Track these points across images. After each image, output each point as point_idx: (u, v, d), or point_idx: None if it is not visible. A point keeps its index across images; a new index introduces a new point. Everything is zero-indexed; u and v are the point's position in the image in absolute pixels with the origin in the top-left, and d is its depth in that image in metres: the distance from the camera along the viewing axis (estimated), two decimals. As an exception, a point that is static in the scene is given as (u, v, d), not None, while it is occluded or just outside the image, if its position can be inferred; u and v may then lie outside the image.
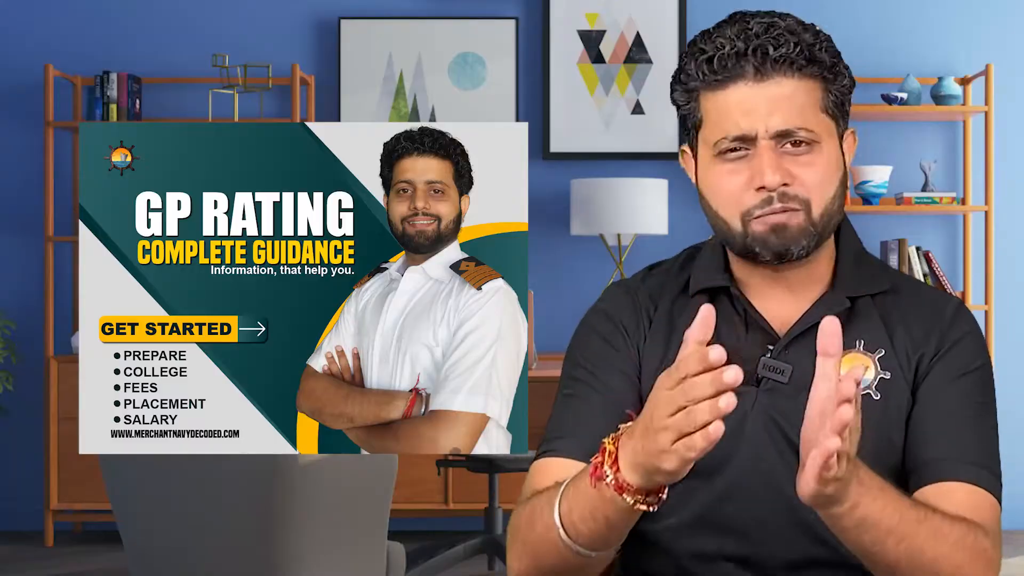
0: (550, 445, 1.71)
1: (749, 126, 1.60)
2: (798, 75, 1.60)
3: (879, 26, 6.12)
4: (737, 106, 1.60)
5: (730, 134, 1.61)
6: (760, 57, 1.59)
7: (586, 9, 6.10)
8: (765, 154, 1.59)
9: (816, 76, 1.61)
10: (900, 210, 5.89)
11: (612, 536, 1.53)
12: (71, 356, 5.71)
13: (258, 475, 2.99)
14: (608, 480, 1.46)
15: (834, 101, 1.64)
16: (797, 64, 1.59)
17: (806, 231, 1.61)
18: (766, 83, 1.60)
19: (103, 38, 6.10)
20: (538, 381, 5.15)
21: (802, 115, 1.60)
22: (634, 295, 1.76)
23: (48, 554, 5.58)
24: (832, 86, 1.63)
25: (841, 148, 1.66)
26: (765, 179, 1.59)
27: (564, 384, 1.77)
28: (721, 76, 1.61)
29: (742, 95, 1.60)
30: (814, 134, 1.61)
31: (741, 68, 1.60)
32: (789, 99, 1.60)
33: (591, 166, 6.10)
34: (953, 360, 1.66)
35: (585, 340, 1.77)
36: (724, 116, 1.61)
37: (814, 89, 1.61)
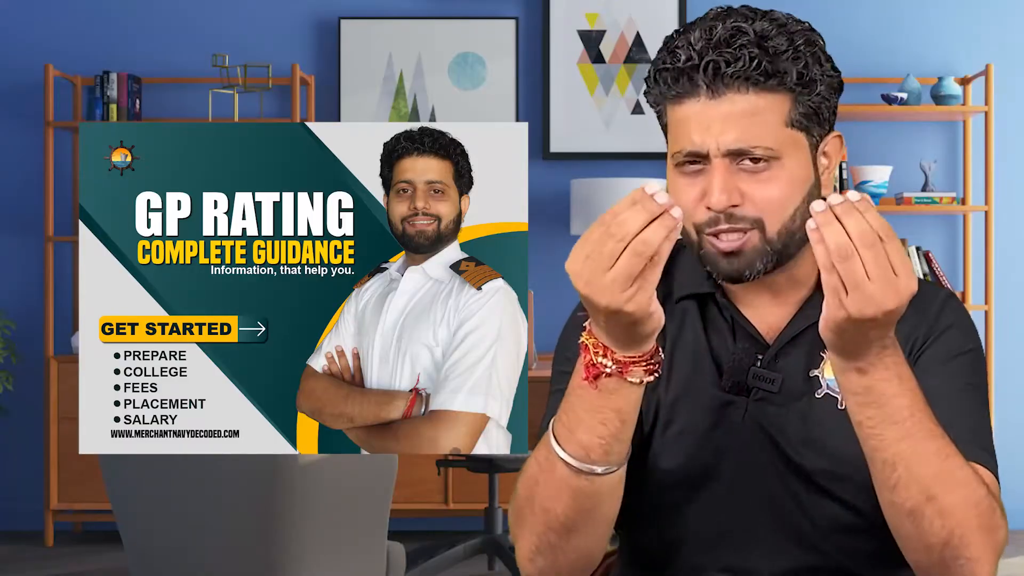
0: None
1: (701, 143, 1.55)
2: (755, 90, 1.54)
3: (879, 26, 6.12)
4: (691, 122, 1.55)
5: (684, 149, 1.56)
6: (711, 74, 1.53)
7: (586, 9, 6.11)
8: (716, 172, 1.54)
9: (778, 89, 1.55)
10: (900, 210, 5.89)
11: (624, 433, 1.50)
12: (71, 356, 5.71)
13: (258, 475, 2.99)
14: (608, 368, 1.45)
15: (804, 112, 1.57)
16: (753, 80, 1.53)
17: (761, 252, 1.57)
18: (719, 100, 1.54)
19: (103, 38, 6.10)
20: (538, 381, 5.15)
21: (759, 132, 1.54)
22: None
23: (48, 554, 5.58)
24: (802, 97, 1.56)
25: (814, 157, 1.60)
26: (712, 199, 1.55)
27: (554, 380, 1.77)
28: (675, 91, 1.56)
29: (696, 111, 1.55)
30: (773, 151, 1.55)
31: (694, 84, 1.54)
32: (744, 116, 1.54)
33: (591, 166, 6.10)
34: (943, 345, 1.64)
35: (569, 335, 1.78)
36: (680, 130, 1.57)
37: (777, 103, 1.55)
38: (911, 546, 1.52)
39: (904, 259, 1.37)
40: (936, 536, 1.49)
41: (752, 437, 1.64)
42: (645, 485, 1.67)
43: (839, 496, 1.63)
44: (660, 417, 1.67)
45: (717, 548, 1.66)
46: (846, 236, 1.35)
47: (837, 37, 6.05)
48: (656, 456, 1.66)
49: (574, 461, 1.52)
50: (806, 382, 1.64)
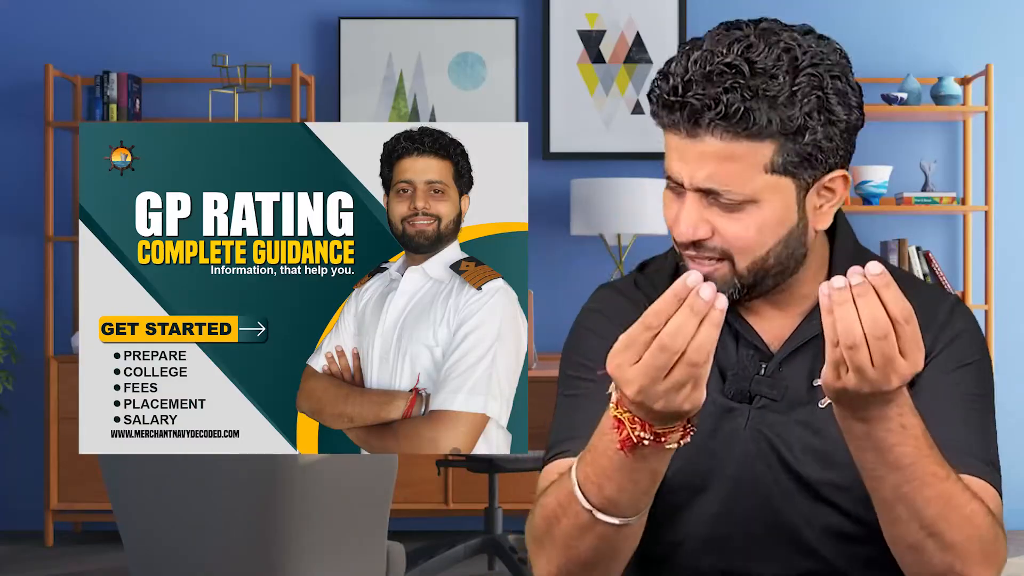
0: (561, 447, 1.68)
1: (678, 173, 1.52)
2: (731, 137, 1.47)
3: (879, 26, 6.12)
4: (672, 150, 1.53)
5: (667, 172, 1.55)
6: (688, 115, 1.48)
7: (586, 9, 6.11)
8: (687, 204, 1.52)
9: (758, 137, 1.48)
10: (900, 210, 5.89)
11: (654, 487, 1.47)
12: (71, 356, 5.71)
13: (258, 475, 2.99)
14: (647, 440, 1.40)
15: (792, 160, 1.50)
16: (732, 130, 1.47)
17: (730, 283, 1.55)
18: (695, 140, 1.49)
19: (103, 38, 6.10)
20: (538, 381, 5.16)
21: (731, 178, 1.49)
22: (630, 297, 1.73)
23: (48, 554, 5.58)
24: (791, 143, 1.49)
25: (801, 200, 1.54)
26: (678, 230, 1.54)
27: (565, 385, 1.74)
28: (662, 119, 1.53)
29: (676, 142, 1.52)
30: (744, 195, 1.50)
31: (673, 120, 1.50)
32: (718, 159, 1.49)
33: (591, 166, 6.10)
34: (950, 355, 1.61)
35: (581, 339, 1.75)
36: (667, 152, 1.55)
37: (755, 149, 1.48)
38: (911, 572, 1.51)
39: (916, 340, 1.33)
40: (937, 568, 1.48)
41: (753, 445, 1.63)
42: None
43: (840, 505, 1.62)
44: None
45: (715, 553, 1.66)
46: (858, 323, 1.31)
47: (837, 37, 6.05)
48: None
49: (601, 515, 1.49)
50: (809, 391, 1.62)
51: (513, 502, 5.52)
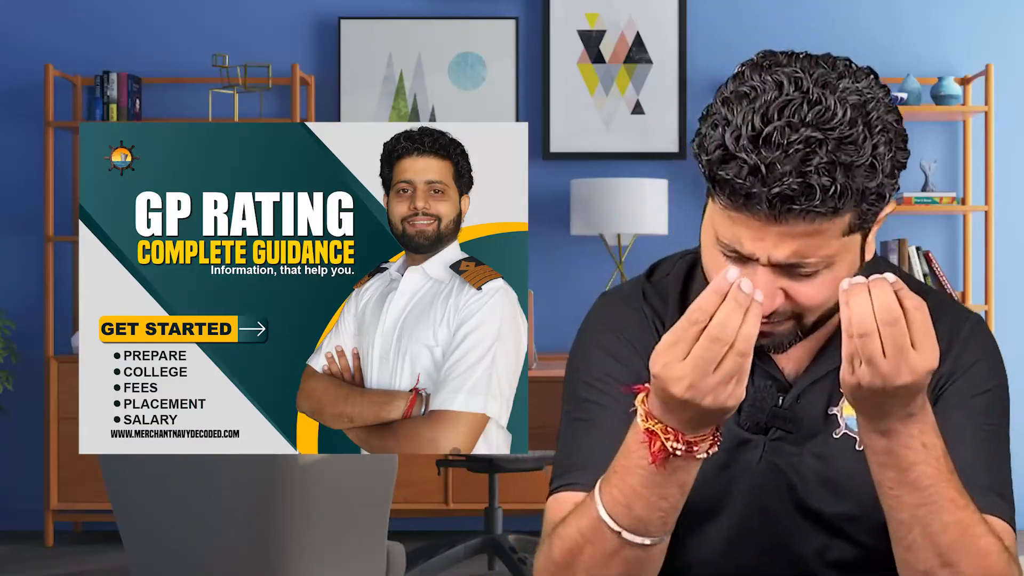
0: (569, 478, 1.62)
1: (751, 250, 1.44)
2: (822, 218, 1.40)
3: (879, 26, 6.12)
4: (744, 228, 1.43)
5: (731, 246, 1.45)
6: (780, 203, 1.38)
7: (586, 9, 6.10)
8: (761, 276, 1.44)
9: (846, 211, 1.42)
10: (900, 210, 5.89)
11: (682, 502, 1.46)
12: (71, 356, 5.71)
13: (258, 475, 2.99)
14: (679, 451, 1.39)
15: (863, 218, 1.45)
16: (823, 214, 1.40)
17: (792, 335, 1.52)
18: (780, 223, 1.41)
19: (103, 38, 6.10)
20: (538, 381, 5.16)
21: (816, 249, 1.43)
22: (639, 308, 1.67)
23: (48, 554, 5.58)
24: (867, 207, 1.44)
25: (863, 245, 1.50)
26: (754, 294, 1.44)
27: (572, 407, 1.68)
28: (731, 202, 1.41)
29: (752, 224, 1.42)
30: (826, 260, 1.45)
31: (756, 203, 1.39)
32: (803, 237, 1.42)
33: (591, 166, 6.10)
34: (968, 381, 1.58)
35: (588, 356, 1.68)
36: (730, 228, 1.44)
37: (840, 222, 1.42)
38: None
39: (927, 333, 1.33)
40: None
41: (766, 476, 1.60)
42: None
43: (853, 536, 1.60)
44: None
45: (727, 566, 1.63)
46: (871, 311, 1.33)
47: (837, 37, 6.05)
48: None
49: (631, 535, 1.47)
50: (825, 421, 1.59)
51: (513, 502, 5.52)
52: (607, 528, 1.47)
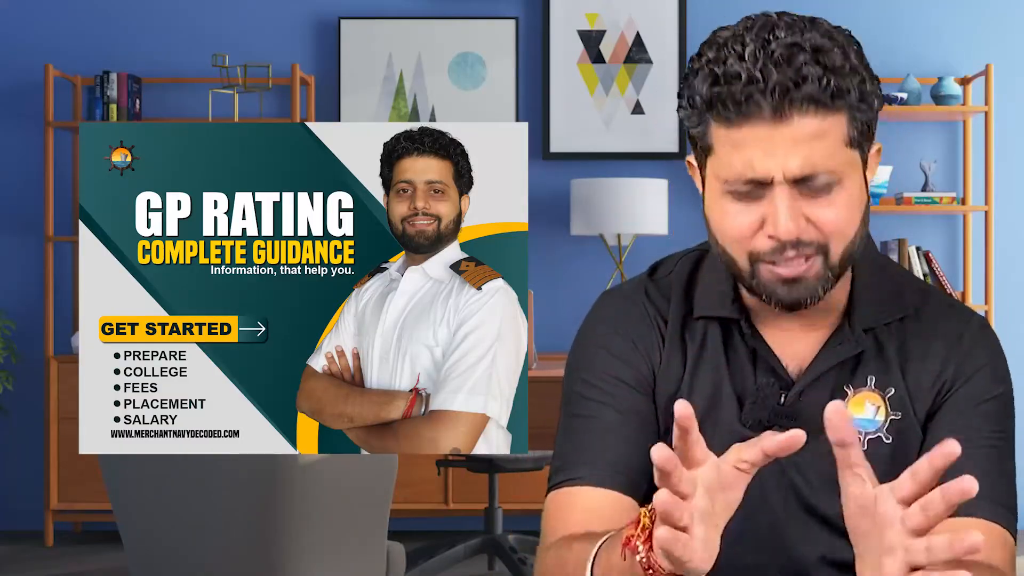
0: (568, 473, 1.58)
1: (765, 170, 1.43)
2: (821, 112, 1.42)
3: (879, 26, 6.13)
4: (753, 146, 1.43)
5: (743, 176, 1.44)
6: (779, 96, 1.41)
7: (586, 9, 6.11)
8: (781, 200, 1.44)
9: (841, 108, 1.44)
10: (900, 210, 5.89)
11: None
12: (71, 356, 5.71)
13: (258, 475, 2.99)
14: (640, 558, 1.29)
15: (859, 130, 1.47)
16: (822, 100, 1.42)
17: (823, 278, 1.48)
18: (785, 123, 1.42)
19: (103, 38, 6.10)
20: (538, 381, 5.16)
21: (824, 157, 1.43)
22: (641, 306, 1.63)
23: (48, 554, 5.58)
24: (859, 114, 1.46)
25: (865, 177, 1.51)
26: (779, 229, 1.44)
27: (571, 404, 1.64)
28: (734, 113, 1.43)
29: (758, 135, 1.43)
30: (836, 174, 1.45)
31: (757, 106, 1.42)
32: (810, 140, 1.43)
33: (591, 166, 6.10)
34: (971, 389, 1.55)
35: (588, 354, 1.64)
36: (737, 155, 1.44)
37: (839, 124, 1.44)
38: None
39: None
40: None
41: (769, 475, 1.56)
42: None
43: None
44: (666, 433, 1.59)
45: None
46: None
47: (837, 37, 6.05)
48: None
49: None
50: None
51: (513, 502, 5.52)
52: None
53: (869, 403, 1.55)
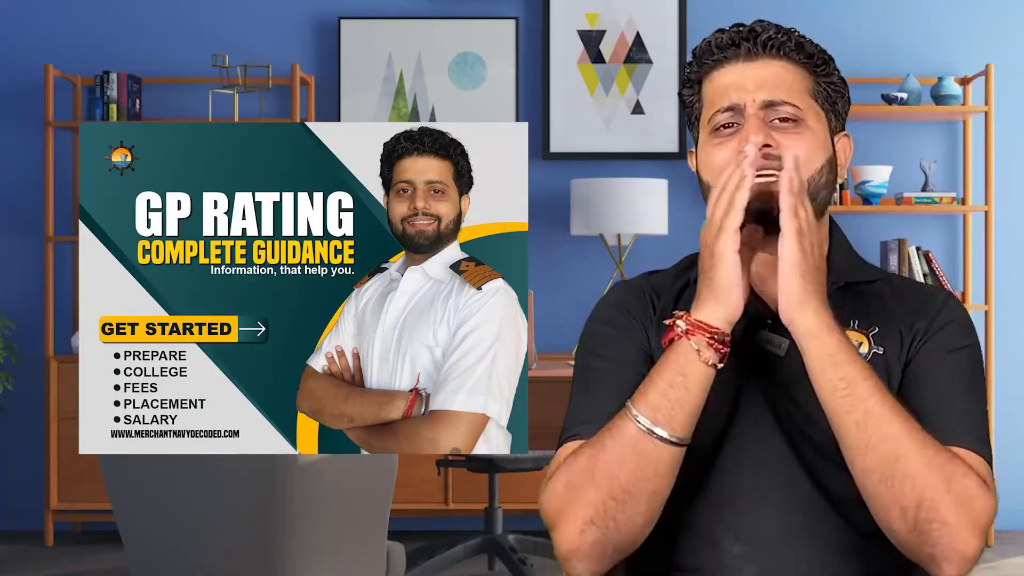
0: (575, 430, 1.73)
1: (738, 98, 1.73)
2: (785, 59, 1.76)
3: (879, 26, 6.12)
4: (730, 83, 1.75)
5: (721, 105, 1.74)
6: (751, 39, 1.76)
7: (586, 9, 6.10)
8: (750, 120, 1.72)
9: (803, 64, 1.77)
10: (900, 210, 5.89)
11: (687, 404, 1.62)
12: (71, 356, 5.71)
13: (258, 475, 2.99)
14: (680, 328, 1.63)
15: (824, 95, 1.77)
16: (785, 49, 1.76)
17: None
18: (755, 63, 1.75)
19: (103, 38, 6.10)
20: (538, 381, 5.16)
21: (788, 92, 1.74)
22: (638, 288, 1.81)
23: (48, 554, 5.58)
24: (821, 79, 1.77)
25: (832, 143, 1.78)
26: (750, 138, 1.69)
27: (580, 373, 1.79)
28: (717, 57, 1.76)
29: (734, 74, 1.75)
30: (800, 111, 1.73)
31: (735, 51, 1.76)
32: (776, 77, 1.75)
33: (591, 166, 6.10)
34: (942, 339, 1.74)
35: (594, 331, 1.80)
36: (718, 93, 1.75)
37: (802, 75, 1.76)
38: (887, 512, 1.60)
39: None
40: (908, 498, 1.58)
41: (760, 399, 1.71)
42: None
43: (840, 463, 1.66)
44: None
45: (726, 512, 1.70)
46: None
47: (837, 37, 6.05)
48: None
49: (644, 420, 1.62)
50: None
51: (513, 502, 5.52)
52: (627, 414, 1.63)
53: (852, 339, 1.72)
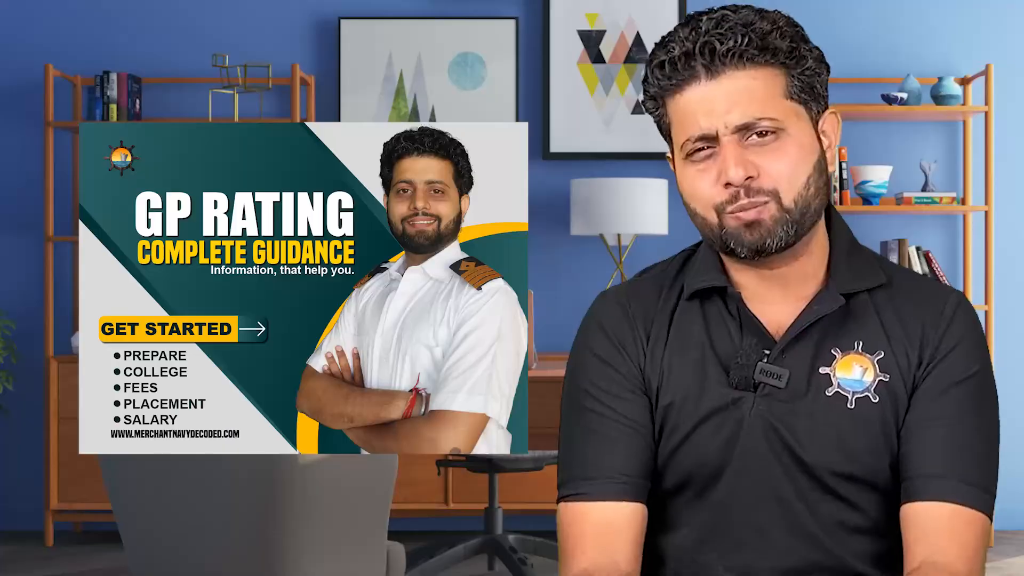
0: (578, 487, 1.66)
1: (709, 125, 1.59)
2: (751, 66, 1.60)
3: (879, 26, 6.12)
4: (696, 106, 1.60)
5: (693, 135, 1.60)
6: (708, 55, 1.59)
7: (586, 9, 6.11)
8: (727, 150, 1.59)
9: (772, 64, 1.61)
10: (900, 210, 5.89)
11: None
12: (71, 356, 5.71)
13: (258, 475, 2.99)
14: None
15: (799, 86, 1.62)
16: (748, 55, 1.59)
17: (780, 220, 1.60)
18: (719, 79, 1.59)
19: (103, 38, 6.10)
20: (538, 381, 5.15)
21: (761, 105, 1.59)
22: (625, 307, 1.72)
23: (48, 554, 5.58)
24: (794, 71, 1.62)
25: (816, 131, 1.65)
26: (729, 175, 1.58)
27: (573, 414, 1.70)
28: (675, 80, 1.61)
29: (699, 95, 1.60)
30: (778, 122, 1.60)
31: (692, 68, 1.60)
32: (745, 91, 1.59)
33: (591, 166, 6.10)
34: (947, 368, 1.63)
35: (585, 364, 1.71)
36: (686, 118, 1.61)
37: (773, 77, 1.61)
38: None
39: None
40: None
41: (760, 434, 1.64)
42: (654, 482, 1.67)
43: (844, 496, 1.63)
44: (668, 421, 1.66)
45: (722, 544, 1.66)
46: None
47: (837, 37, 6.05)
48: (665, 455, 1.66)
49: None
50: (815, 379, 1.64)
51: (513, 502, 5.52)
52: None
53: (857, 365, 1.64)
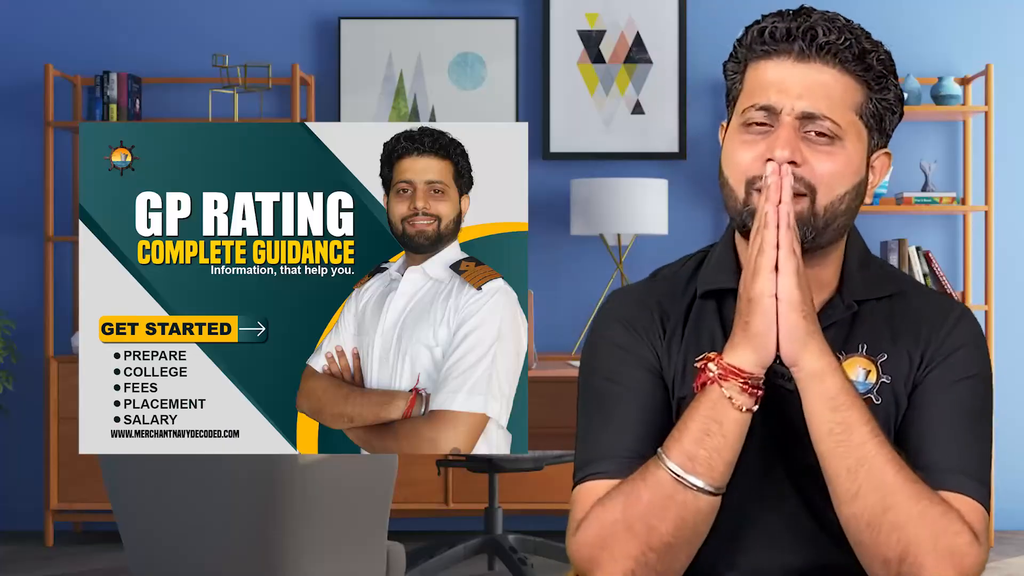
0: (594, 467, 1.67)
1: (778, 100, 1.61)
2: (840, 68, 1.61)
3: (879, 26, 6.12)
4: (773, 79, 1.62)
5: (758, 102, 1.62)
6: (808, 39, 1.60)
7: (586, 9, 6.11)
8: (783, 130, 1.60)
9: (858, 77, 1.62)
10: (900, 210, 5.89)
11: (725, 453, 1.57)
12: (71, 356, 5.71)
13: (258, 475, 2.99)
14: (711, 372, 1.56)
15: (872, 111, 1.64)
16: (842, 56, 1.61)
17: (806, 220, 1.61)
18: (807, 65, 1.61)
19: (103, 38, 6.10)
20: (538, 381, 5.15)
21: (832, 106, 1.61)
22: (642, 299, 1.74)
23: (48, 554, 5.58)
24: (875, 95, 1.63)
25: (868, 161, 1.66)
26: (776, 151, 1.59)
27: (589, 399, 1.72)
28: (767, 48, 1.62)
29: (781, 71, 1.62)
30: (839, 128, 1.61)
31: (788, 45, 1.61)
32: (824, 87, 1.61)
33: (591, 166, 6.10)
34: (950, 367, 1.65)
35: (599, 350, 1.73)
36: (759, 87, 1.63)
37: (853, 89, 1.62)
38: (870, 560, 1.56)
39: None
40: (892, 550, 1.54)
41: (767, 435, 1.65)
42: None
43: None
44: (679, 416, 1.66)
45: (728, 546, 1.67)
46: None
47: (837, 37, 6.05)
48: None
49: (679, 470, 1.57)
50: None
51: (513, 502, 5.52)
52: (662, 465, 1.57)
53: (860, 367, 1.66)
